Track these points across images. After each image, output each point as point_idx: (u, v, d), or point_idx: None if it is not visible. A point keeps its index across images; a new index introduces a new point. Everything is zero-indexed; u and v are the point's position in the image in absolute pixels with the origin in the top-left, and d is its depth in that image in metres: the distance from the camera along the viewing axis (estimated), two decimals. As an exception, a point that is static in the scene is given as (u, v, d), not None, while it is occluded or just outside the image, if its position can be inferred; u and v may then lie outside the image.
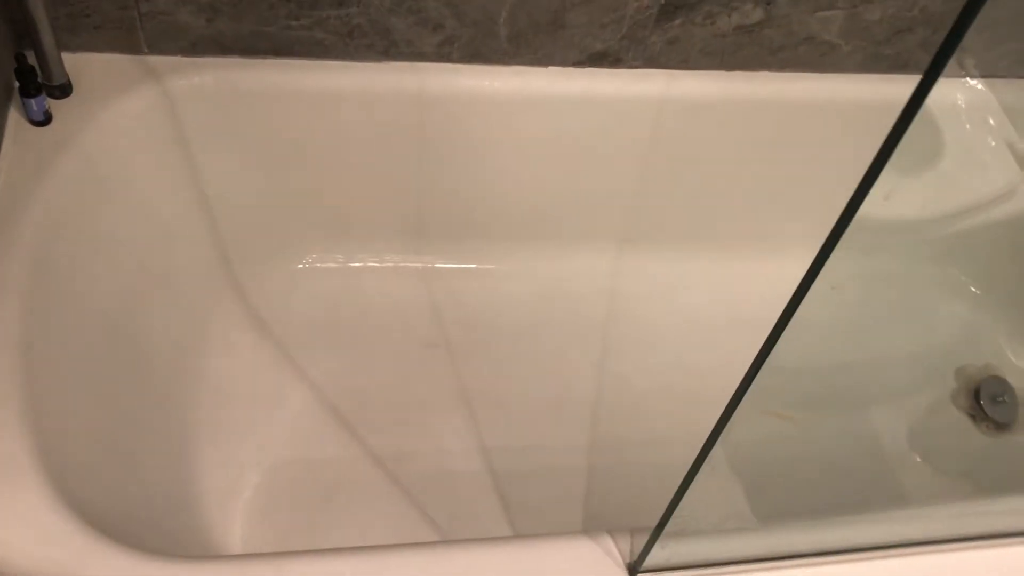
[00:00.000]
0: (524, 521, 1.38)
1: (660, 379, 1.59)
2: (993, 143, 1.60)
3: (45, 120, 1.20)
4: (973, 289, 1.76)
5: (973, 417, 1.64)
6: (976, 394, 1.65)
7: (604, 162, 1.54)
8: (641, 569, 0.93)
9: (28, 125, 1.20)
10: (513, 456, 1.46)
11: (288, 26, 1.30)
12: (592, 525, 1.40)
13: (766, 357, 0.71)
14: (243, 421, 1.40)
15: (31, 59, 1.19)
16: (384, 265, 1.61)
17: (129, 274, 1.28)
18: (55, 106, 1.22)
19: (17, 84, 1.18)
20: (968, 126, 1.61)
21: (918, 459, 1.58)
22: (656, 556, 0.92)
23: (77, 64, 1.26)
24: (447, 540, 1.31)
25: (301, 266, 1.57)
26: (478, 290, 1.63)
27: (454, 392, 1.51)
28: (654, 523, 0.92)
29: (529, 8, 1.33)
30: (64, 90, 1.24)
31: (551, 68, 1.43)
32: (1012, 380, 1.67)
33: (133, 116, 1.28)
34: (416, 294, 1.61)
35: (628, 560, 0.95)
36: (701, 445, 0.91)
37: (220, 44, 1.31)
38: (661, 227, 1.66)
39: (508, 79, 1.41)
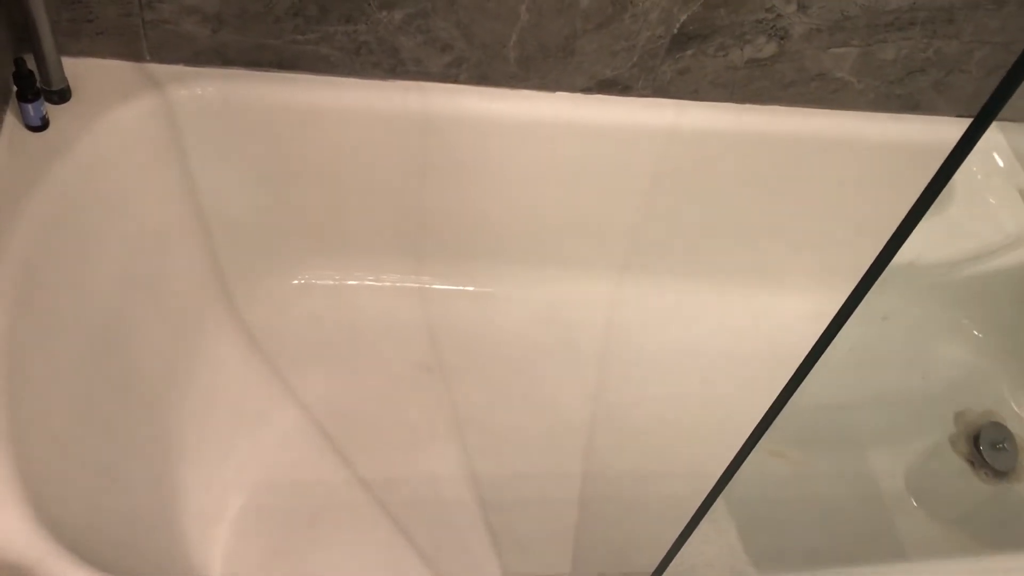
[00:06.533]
0: (512, 553, 1.36)
1: (656, 412, 1.57)
2: (1004, 188, 1.58)
3: (42, 126, 1.18)
4: (976, 333, 1.74)
5: (972, 463, 1.62)
6: (976, 440, 1.63)
7: (608, 189, 1.52)
8: (632, 618, 0.90)
9: (24, 130, 1.17)
10: (504, 485, 1.43)
11: (294, 40, 1.28)
12: (582, 559, 1.38)
13: (784, 403, 0.69)
14: (229, 440, 1.37)
15: (30, 63, 1.16)
16: (381, 284, 1.58)
17: (120, 286, 1.25)
18: (53, 112, 1.20)
19: (15, 88, 1.16)
20: (979, 171, 1.60)
21: (914, 503, 1.55)
22: (649, 605, 0.89)
23: (77, 69, 1.23)
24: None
25: (296, 283, 1.55)
26: (475, 313, 1.61)
27: (446, 417, 1.49)
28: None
29: (539, 33, 1.31)
30: (63, 95, 1.22)
31: (559, 93, 1.41)
32: (1013, 427, 1.65)
33: (132, 124, 1.26)
34: (412, 315, 1.58)
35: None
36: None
37: (223, 55, 1.29)
38: (663, 257, 1.64)
39: (515, 103, 1.40)
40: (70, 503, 1.00)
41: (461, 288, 1.62)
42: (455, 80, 1.37)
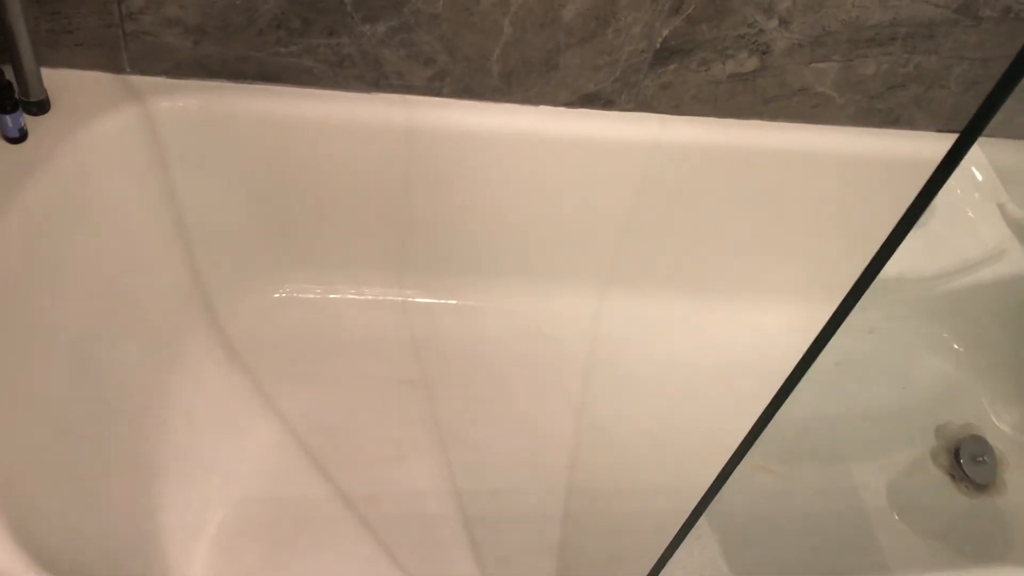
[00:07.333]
0: (496, 569, 1.35)
1: (640, 427, 1.56)
2: (983, 203, 1.59)
3: (20, 137, 1.17)
4: (956, 347, 1.75)
5: (952, 476, 1.62)
6: (956, 453, 1.63)
7: (591, 203, 1.52)
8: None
9: (2, 142, 1.16)
10: (487, 500, 1.43)
11: (277, 52, 1.28)
12: (566, 575, 1.37)
13: (770, 419, 0.69)
14: (210, 454, 1.35)
15: (8, 74, 1.15)
16: (363, 298, 1.57)
17: (99, 298, 1.24)
18: (31, 123, 1.19)
19: (-7, 99, 1.15)
20: (957, 185, 1.61)
21: (896, 517, 1.56)
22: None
23: (56, 80, 1.22)
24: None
25: (278, 295, 1.54)
26: (458, 327, 1.60)
27: (429, 431, 1.48)
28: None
29: (523, 47, 1.31)
30: (42, 107, 1.20)
31: (542, 107, 1.41)
32: (992, 440, 1.66)
33: (112, 136, 1.24)
34: (395, 328, 1.58)
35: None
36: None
37: (205, 67, 1.29)
38: (646, 271, 1.64)
39: (498, 116, 1.40)
40: (48, 520, 0.98)
41: (444, 301, 1.61)
42: (438, 93, 1.37)
